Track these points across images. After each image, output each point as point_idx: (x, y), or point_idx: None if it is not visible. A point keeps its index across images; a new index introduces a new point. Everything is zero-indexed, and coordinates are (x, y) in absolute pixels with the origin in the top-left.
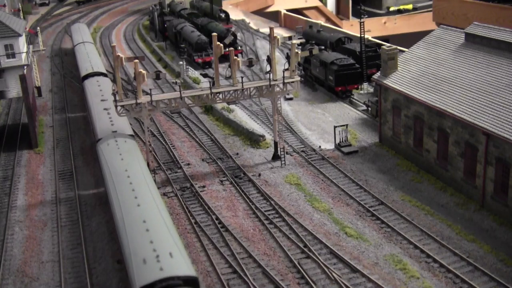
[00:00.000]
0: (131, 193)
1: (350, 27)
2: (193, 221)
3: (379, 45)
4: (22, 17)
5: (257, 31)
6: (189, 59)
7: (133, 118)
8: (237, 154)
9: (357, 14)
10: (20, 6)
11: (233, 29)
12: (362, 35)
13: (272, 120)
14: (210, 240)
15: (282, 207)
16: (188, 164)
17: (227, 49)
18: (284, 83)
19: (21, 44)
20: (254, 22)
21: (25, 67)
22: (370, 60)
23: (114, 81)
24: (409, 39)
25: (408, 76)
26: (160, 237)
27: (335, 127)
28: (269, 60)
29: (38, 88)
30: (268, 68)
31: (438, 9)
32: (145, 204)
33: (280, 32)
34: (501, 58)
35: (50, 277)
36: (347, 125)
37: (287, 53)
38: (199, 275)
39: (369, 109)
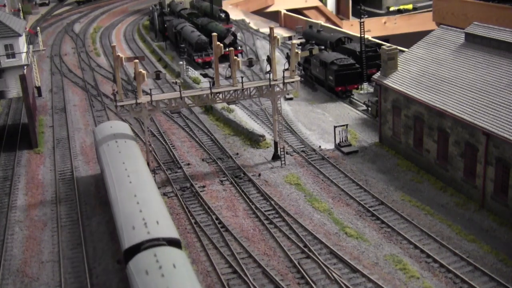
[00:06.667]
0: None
1: (350, 27)
2: (193, 221)
3: (379, 45)
4: (22, 17)
5: (257, 31)
6: (189, 59)
7: (133, 118)
8: (237, 154)
9: (357, 14)
10: (20, 6)
11: (233, 29)
12: (362, 35)
13: (272, 120)
14: (210, 240)
15: (282, 207)
16: (188, 164)
17: (227, 49)
18: (284, 83)
19: (21, 44)
20: (254, 22)
21: (25, 67)
22: (370, 60)
23: (114, 81)
24: (409, 39)
25: (408, 76)
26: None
27: (335, 127)
28: (269, 60)
29: (38, 88)
30: (268, 68)
31: (438, 9)
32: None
33: (280, 32)
34: (501, 58)
35: (50, 277)
36: (347, 125)
37: (287, 53)
38: (199, 275)
39: (369, 109)
